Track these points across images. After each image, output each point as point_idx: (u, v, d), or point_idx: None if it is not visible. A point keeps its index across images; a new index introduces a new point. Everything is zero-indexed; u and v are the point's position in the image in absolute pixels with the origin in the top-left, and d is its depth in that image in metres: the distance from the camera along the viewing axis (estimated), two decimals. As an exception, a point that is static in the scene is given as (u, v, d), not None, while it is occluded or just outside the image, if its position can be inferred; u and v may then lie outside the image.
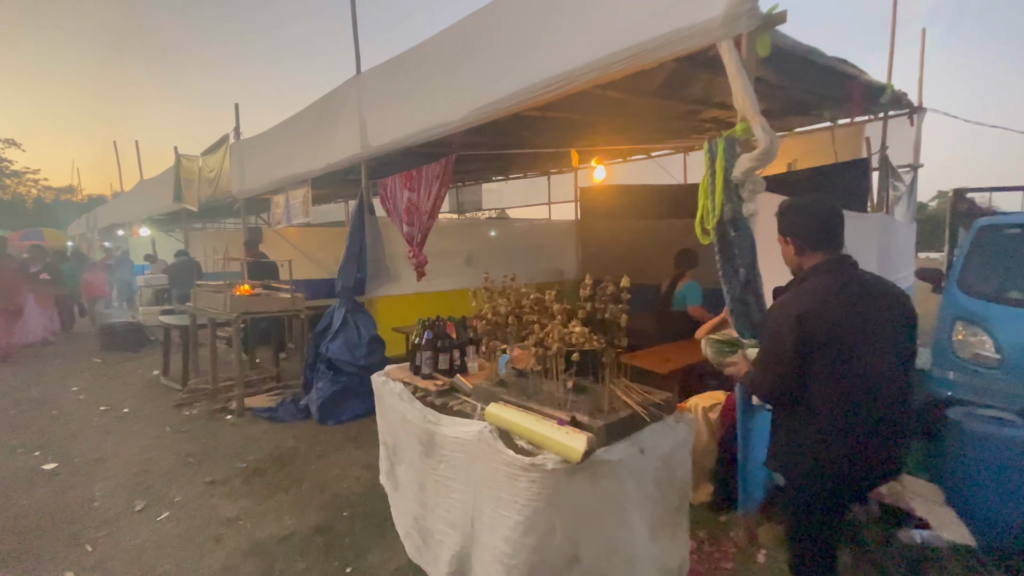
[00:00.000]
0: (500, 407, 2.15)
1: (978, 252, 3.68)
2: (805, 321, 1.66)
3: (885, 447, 1.70)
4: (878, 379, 1.67)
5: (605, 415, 2.03)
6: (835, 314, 1.67)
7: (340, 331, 4.96)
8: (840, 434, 1.67)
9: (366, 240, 5.21)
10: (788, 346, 1.68)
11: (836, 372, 1.66)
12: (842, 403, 1.66)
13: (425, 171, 4.53)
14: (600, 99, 4.03)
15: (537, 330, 2.17)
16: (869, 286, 1.78)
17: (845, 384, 1.66)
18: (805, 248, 1.84)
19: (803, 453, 1.75)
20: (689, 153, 7.53)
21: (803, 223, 1.85)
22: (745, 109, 2.53)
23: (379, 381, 2.86)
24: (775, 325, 1.76)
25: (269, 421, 4.77)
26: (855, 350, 1.65)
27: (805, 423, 1.73)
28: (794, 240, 1.86)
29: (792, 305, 1.72)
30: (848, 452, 1.68)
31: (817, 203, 1.88)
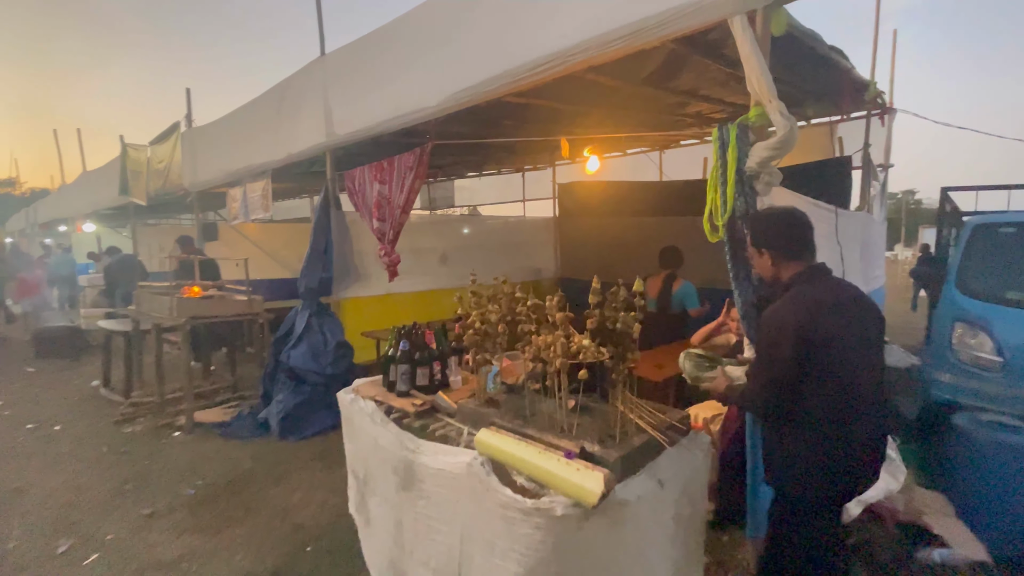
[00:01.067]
0: (493, 434, 1.82)
1: (973, 252, 3.58)
2: (803, 331, 1.65)
3: (874, 452, 1.75)
4: (866, 385, 1.71)
5: (617, 443, 1.74)
6: (827, 322, 1.67)
7: (303, 337, 4.53)
8: (836, 441, 1.69)
9: (332, 237, 4.79)
10: (787, 357, 1.66)
11: (830, 380, 1.66)
12: (836, 411, 1.67)
13: (398, 162, 4.15)
14: (589, 86, 3.75)
15: (536, 342, 1.86)
16: (846, 293, 1.80)
17: (838, 392, 1.67)
18: (781, 258, 1.84)
19: (797, 464, 1.74)
20: (665, 151, 7.39)
21: (779, 234, 1.85)
22: (761, 92, 2.27)
23: (347, 399, 2.49)
24: (771, 336, 1.73)
25: (223, 438, 4.30)
26: (846, 357, 1.67)
27: (799, 433, 1.73)
28: (770, 251, 1.85)
29: (787, 315, 1.70)
30: (844, 459, 1.70)
31: (790, 214, 1.89)
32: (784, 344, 1.66)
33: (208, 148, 6.72)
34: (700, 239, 5.18)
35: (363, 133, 4.37)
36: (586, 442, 1.72)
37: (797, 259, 1.82)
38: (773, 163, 2.31)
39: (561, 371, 1.79)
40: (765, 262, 1.88)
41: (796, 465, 1.74)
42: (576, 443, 1.70)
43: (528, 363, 1.89)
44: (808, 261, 1.83)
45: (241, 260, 5.01)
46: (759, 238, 1.90)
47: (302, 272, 4.75)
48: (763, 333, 1.76)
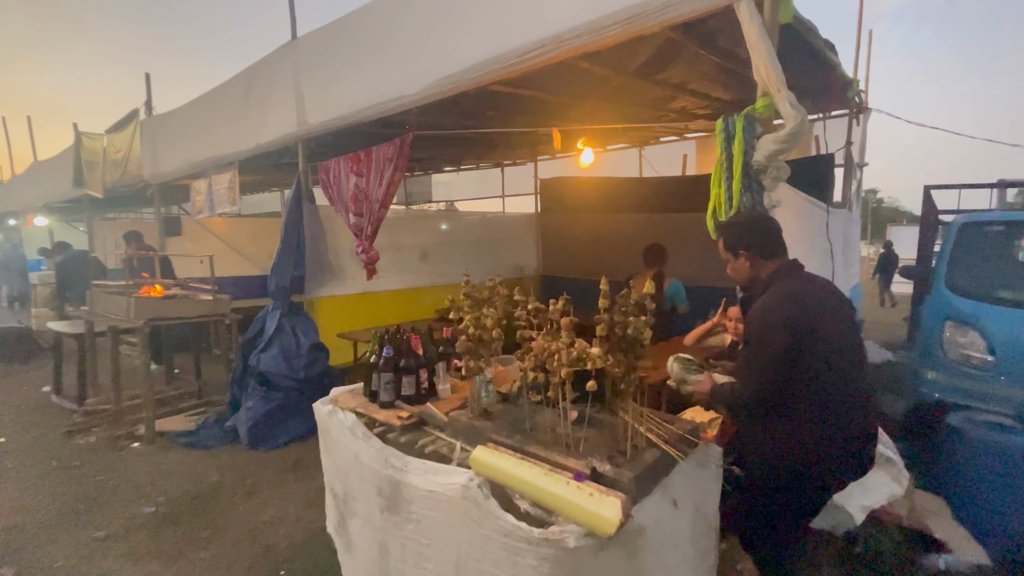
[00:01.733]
0: (490, 452, 1.65)
1: (962, 251, 3.57)
2: (792, 322, 1.68)
3: (866, 441, 1.77)
4: (854, 373, 1.74)
5: (628, 460, 1.59)
6: (812, 313, 1.70)
7: (274, 339, 4.26)
8: (830, 431, 1.70)
9: (304, 232, 4.52)
10: (779, 350, 1.66)
11: (820, 370, 1.68)
12: (828, 401, 1.69)
13: (376, 153, 3.92)
14: (579, 75, 3.59)
15: (537, 348, 1.69)
16: (823, 286, 1.87)
17: (829, 381, 1.69)
18: (759, 259, 1.88)
19: (788, 457, 1.74)
20: (645, 147, 7.31)
21: (755, 236, 1.90)
22: (769, 82, 2.15)
23: (324, 410, 2.28)
24: (761, 331, 1.74)
25: (186, 448, 4.00)
26: (833, 346, 1.70)
27: (791, 427, 1.72)
28: (748, 253, 1.90)
29: (775, 310, 1.73)
30: (834, 451, 1.71)
31: (762, 217, 2.00)
32: (775, 337, 1.68)
33: (170, 137, 6.32)
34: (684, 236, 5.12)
35: (338, 122, 4.12)
36: (595, 460, 1.56)
37: (774, 257, 1.87)
38: (781, 157, 2.20)
39: (567, 381, 1.62)
40: (743, 265, 1.92)
41: (788, 457, 1.74)
42: (585, 462, 1.54)
43: (529, 372, 1.72)
44: (785, 259, 1.88)
45: (206, 256, 4.69)
46: (736, 242, 1.92)
47: (273, 269, 4.48)
48: (752, 329, 1.78)
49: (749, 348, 1.79)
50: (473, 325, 1.85)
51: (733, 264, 1.96)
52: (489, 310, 1.84)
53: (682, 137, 6.92)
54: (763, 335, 1.72)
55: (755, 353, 1.75)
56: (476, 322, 1.85)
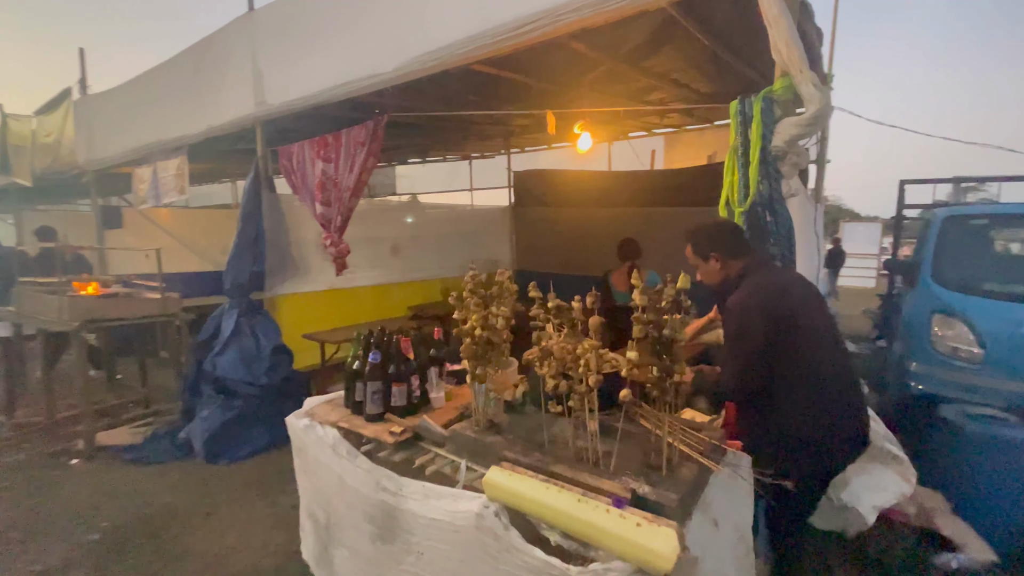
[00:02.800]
0: (508, 474, 1.43)
1: (946, 244, 3.59)
2: (768, 310, 1.72)
3: (855, 422, 1.81)
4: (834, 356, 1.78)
5: (664, 477, 1.40)
6: (787, 301, 1.76)
7: (232, 341, 3.87)
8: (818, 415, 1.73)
9: (264, 224, 4.14)
10: (759, 339, 1.70)
11: (801, 355, 1.72)
12: (813, 385, 1.73)
13: (346, 137, 3.59)
14: (567, 58, 3.37)
15: (558, 353, 1.47)
16: (793, 276, 1.95)
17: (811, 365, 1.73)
18: (728, 259, 1.93)
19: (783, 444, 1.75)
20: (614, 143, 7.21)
21: (722, 239, 1.96)
22: (790, 62, 2.00)
23: (299, 425, 1.99)
24: (740, 321, 1.77)
25: (134, 464, 3.58)
26: (811, 331, 1.75)
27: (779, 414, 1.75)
28: (718, 255, 1.95)
29: (751, 300, 1.76)
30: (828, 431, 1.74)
31: (723, 221, 2.09)
32: (754, 326, 1.71)
33: (108, 120, 5.73)
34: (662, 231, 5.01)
35: (302, 103, 3.76)
36: (631, 480, 1.36)
37: (742, 256, 1.92)
38: (801, 142, 2.07)
39: (595, 389, 1.42)
40: (713, 267, 1.96)
41: (785, 444, 1.75)
42: (621, 483, 1.34)
43: (549, 379, 1.50)
44: (751, 254, 1.94)
45: (152, 250, 4.23)
46: (706, 246, 1.97)
47: (228, 265, 4.08)
48: (731, 321, 1.82)
49: (730, 341, 1.83)
50: (480, 326, 1.61)
51: (704, 268, 2.00)
52: (500, 308, 1.61)
53: (651, 133, 6.86)
54: (742, 326, 1.75)
55: (736, 344, 1.79)
56: (483, 322, 1.62)
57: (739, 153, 2.14)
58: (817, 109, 1.94)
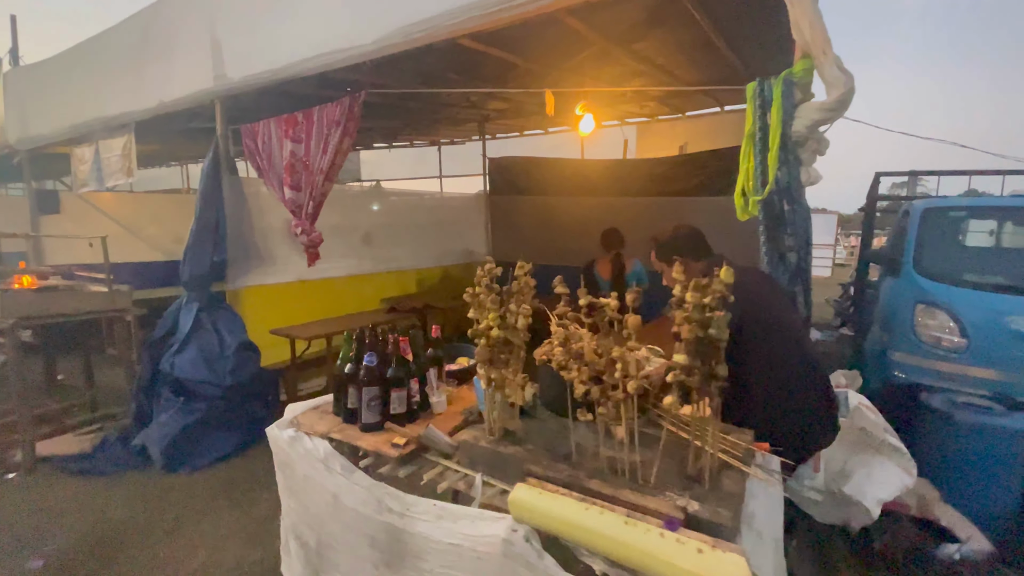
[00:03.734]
0: (537, 492, 1.27)
1: (926, 235, 3.63)
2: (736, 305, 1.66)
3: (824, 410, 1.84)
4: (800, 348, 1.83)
5: (707, 489, 1.28)
6: (752, 295, 1.78)
7: (191, 338, 3.54)
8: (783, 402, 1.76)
9: (225, 209, 3.80)
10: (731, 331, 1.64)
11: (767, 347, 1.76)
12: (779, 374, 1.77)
13: (319, 115, 3.30)
14: (559, 36, 3.19)
15: (589, 356, 1.32)
16: (753, 272, 2.00)
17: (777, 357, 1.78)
18: (692, 262, 1.99)
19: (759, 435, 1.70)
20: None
21: (686, 242, 2.05)
22: (814, 42, 1.89)
23: (283, 438, 1.77)
24: None
25: (82, 476, 3.23)
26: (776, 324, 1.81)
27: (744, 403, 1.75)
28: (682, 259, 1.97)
29: None
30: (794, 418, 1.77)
31: (685, 226, 2.14)
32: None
33: (43, 94, 5.17)
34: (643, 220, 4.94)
35: (268, 77, 3.45)
36: (675, 495, 1.23)
37: (704, 257, 2.01)
38: (823, 128, 1.98)
39: (634, 396, 1.27)
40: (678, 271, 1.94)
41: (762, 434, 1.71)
42: (668, 501, 1.21)
43: (579, 384, 1.34)
44: (712, 256, 2.01)
45: (97, 239, 3.81)
46: (669, 251, 2.05)
47: (186, 254, 3.72)
48: None
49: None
50: (497, 326, 1.43)
51: (669, 273, 2.05)
52: (522, 307, 1.43)
53: (623, 122, 6.79)
54: None
55: None
56: (501, 323, 1.44)
57: (756, 139, 2.03)
58: (842, 93, 1.85)
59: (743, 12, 2.97)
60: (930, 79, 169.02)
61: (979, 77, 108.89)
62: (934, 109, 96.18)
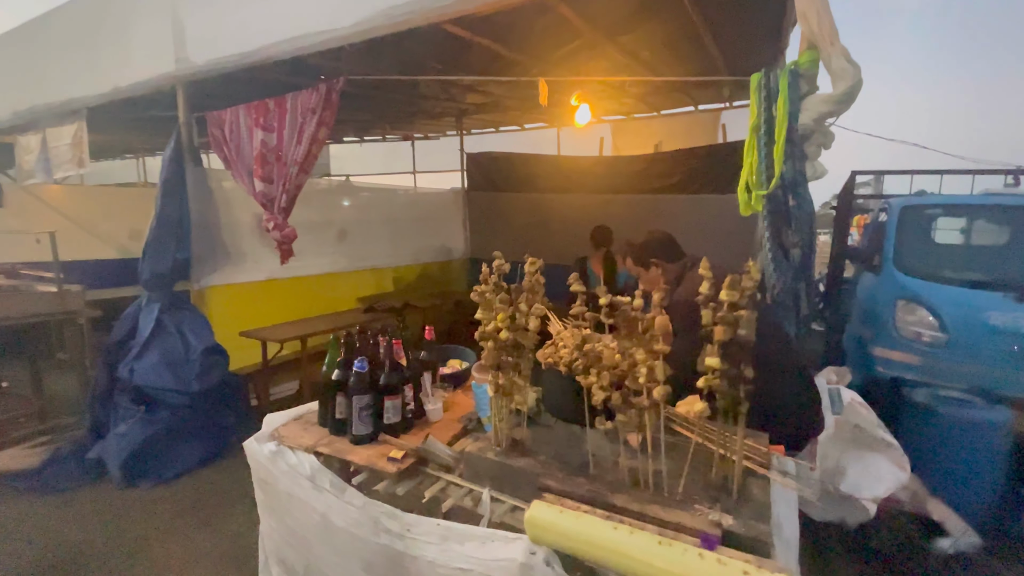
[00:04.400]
0: (557, 511, 1.16)
1: (905, 232, 3.69)
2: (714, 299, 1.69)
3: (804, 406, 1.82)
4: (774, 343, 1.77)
5: (735, 502, 1.20)
6: None
7: (153, 342, 3.29)
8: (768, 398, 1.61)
9: (189, 203, 3.55)
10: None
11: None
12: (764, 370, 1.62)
13: (292, 102, 3.10)
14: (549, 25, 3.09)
15: (608, 360, 1.22)
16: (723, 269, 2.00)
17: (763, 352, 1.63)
18: (667, 264, 2.10)
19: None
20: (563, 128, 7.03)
21: (660, 246, 2.15)
22: (821, 33, 1.84)
23: (263, 452, 1.60)
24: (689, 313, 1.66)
25: (31, 494, 2.95)
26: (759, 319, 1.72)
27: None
28: (657, 262, 2.12)
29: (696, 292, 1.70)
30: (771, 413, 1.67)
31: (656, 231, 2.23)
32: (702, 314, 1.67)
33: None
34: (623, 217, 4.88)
35: (235, 62, 3.22)
36: (706, 509, 1.14)
37: (677, 259, 2.09)
38: (828, 121, 1.93)
39: (661, 403, 1.18)
40: (655, 274, 2.12)
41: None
42: (700, 515, 1.12)
43: (597, 391, 1.24)
44: (684, 257, 2.11)
45: (44, 234, 3.50)
46: (645, 256, 2.14)
47: (146, 252, 3.46)
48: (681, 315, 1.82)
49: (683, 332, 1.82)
50: (507, 327, 1.32)
51: (646, 276, 2.15)
52: (534, 307, 1.32)
53: (599, 119, 6.75)
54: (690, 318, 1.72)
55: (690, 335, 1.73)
56: (511, 324, 1.32)
57: (761, 132, 1.97)
58: (850, 85, 1.80)
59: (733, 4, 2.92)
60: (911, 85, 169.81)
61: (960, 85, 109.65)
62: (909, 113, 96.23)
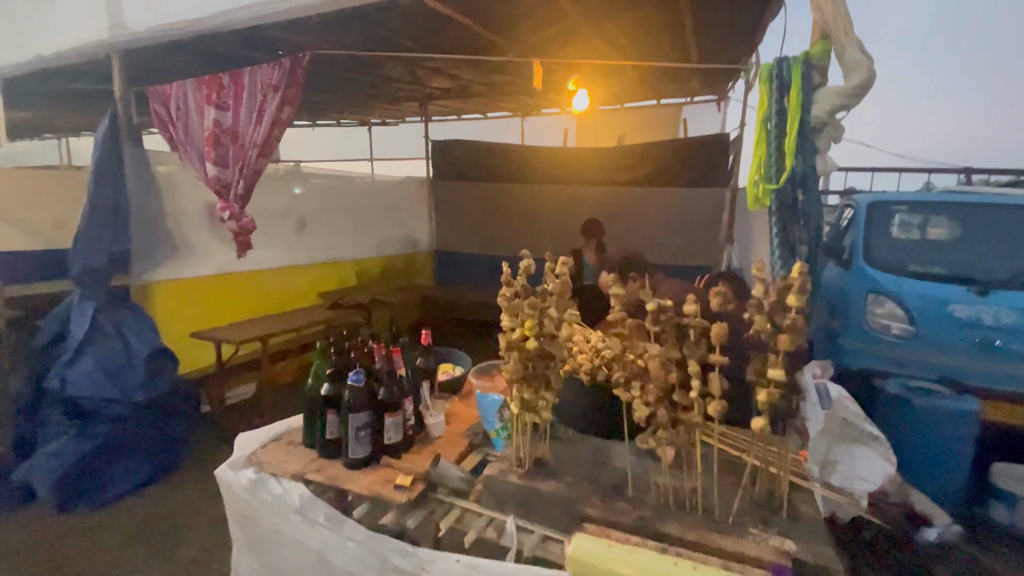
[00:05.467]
0: (605, 545, 1.02)
1: (873, 228, 3.80)
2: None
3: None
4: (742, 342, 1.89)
5: (788, 522, 1.11)
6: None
7: (87, 346, 2.90)
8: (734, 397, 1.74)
9: (128, 189, 3.15)
10: None
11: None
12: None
13: (251, 78, 2.79)
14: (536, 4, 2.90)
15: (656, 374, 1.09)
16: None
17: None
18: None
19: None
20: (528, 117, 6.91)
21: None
22: (835, 22, 1.77)
23: (240, 482, 1.38)
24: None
25: (-64, 525, 2.54)
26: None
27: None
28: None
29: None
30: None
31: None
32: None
33: None
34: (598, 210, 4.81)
35: (182, 30, 2.86)
36: (762, 533, 1.04)
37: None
38: (840, 114, 1.87)
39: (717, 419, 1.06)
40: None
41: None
42: (761, 543, 1.01)
43: (641, 406, 1.11)
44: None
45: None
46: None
47: (76, 243, 3.04)
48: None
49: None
50: (535, 335, 1.16)
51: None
52: (568, 311, 1.17)
53: (563, 110, 6.67)
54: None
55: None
56: (538, 331, 1.16)
57: (772, 124, 1.89)
58: (865, 77, 1.74)
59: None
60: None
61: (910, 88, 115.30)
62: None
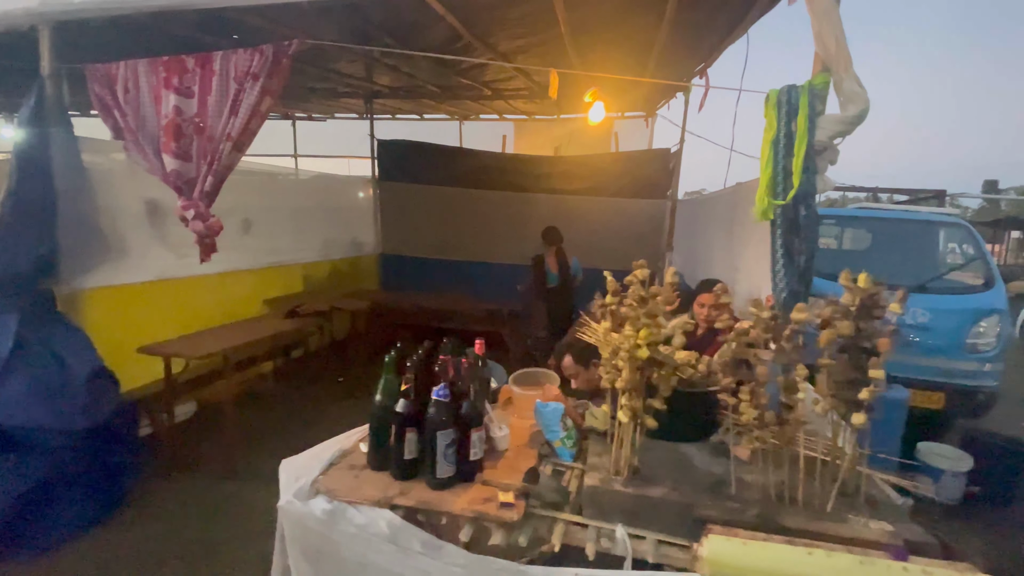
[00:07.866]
0: (740, 544, 1.07)
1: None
2: None
3: None
4: None
5: (870, 507, 1.23)
6: None
7: (15, 367, 2.43)
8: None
9: (56, 182, 2.72)
10: None
11: None
12: None
13: (223, 63, 2.52)
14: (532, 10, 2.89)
15: (764, 375, 1.15)
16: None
17: None
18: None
19: None
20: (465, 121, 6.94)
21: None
22: (838, 59, 1.98)
23: (315, 513, 1.25)
24: None
25: None
26: None
27: None
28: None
29: None
30: None
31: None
32: None
33: None
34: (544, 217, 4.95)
35: (132, 4, 2.53)
36: (865, 519, 1.15)
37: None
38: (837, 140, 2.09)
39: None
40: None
41: None
42: (874, 528, 1.12)
43: (751, 408, 1.17)
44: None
45: None
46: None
47: (-11, 244, 2.57)
48: None
49: None
50: (624, 346, 1.18)
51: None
52: (681, 319, 1.20)
53: (502, 117, 6.75)
54: None
55: None
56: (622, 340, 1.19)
57: (780, 144, 2.07)
58: (861, 109, 1.98)
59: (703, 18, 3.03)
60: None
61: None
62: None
